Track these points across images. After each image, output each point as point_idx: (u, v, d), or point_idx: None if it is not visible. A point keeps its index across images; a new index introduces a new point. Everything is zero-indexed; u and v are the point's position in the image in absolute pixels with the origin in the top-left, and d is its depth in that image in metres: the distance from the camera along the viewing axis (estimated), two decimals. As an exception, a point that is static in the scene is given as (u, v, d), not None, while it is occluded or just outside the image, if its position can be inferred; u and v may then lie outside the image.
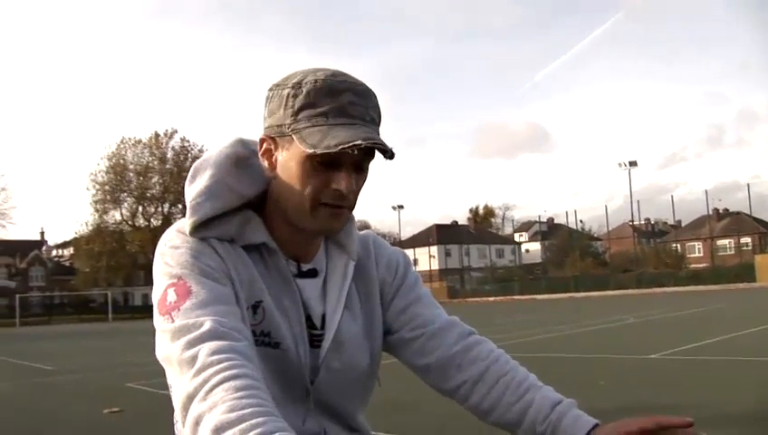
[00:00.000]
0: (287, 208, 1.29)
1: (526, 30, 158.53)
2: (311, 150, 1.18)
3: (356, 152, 1.18)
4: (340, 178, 1.22)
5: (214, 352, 1.07)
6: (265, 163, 1.29)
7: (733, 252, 66.14)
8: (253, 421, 0.96)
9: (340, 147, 1.16)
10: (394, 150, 1.22)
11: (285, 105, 1.24)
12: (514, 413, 1.32)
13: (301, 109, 1.22)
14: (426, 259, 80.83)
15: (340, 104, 1.21)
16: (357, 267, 1.43)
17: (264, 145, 1.29)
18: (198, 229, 1.28)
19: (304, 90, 1.22)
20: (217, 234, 1.29)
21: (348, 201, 1.26)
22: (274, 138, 1.27)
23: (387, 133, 1.27)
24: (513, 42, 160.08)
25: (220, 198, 1.29)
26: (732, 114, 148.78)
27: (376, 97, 1.28)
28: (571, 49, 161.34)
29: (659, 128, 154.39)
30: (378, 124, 1.26)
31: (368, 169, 1.28)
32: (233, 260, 1.28)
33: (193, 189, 1.31)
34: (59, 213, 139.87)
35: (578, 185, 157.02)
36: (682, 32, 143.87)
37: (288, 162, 1.25)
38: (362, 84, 1.26)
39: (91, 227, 67.43)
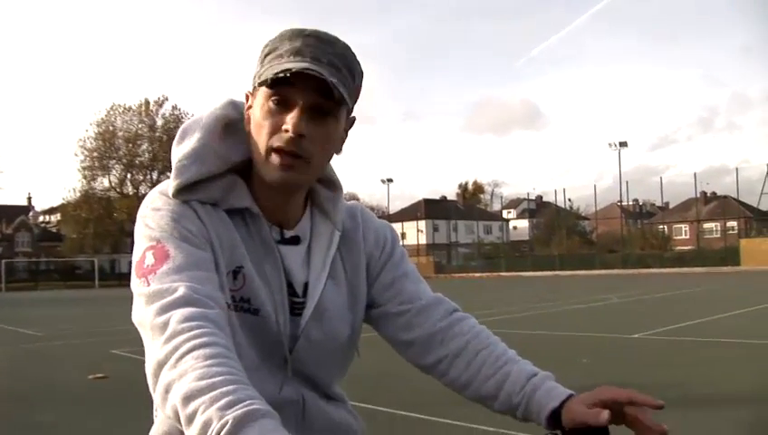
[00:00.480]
0: (254, 162, 1.28)
1: (525, 6, 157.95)
2: (257, 84, 1.22)
3: (288, 75, 1.16)
4: (289, 118, 1.20)
5: (185, 319, 1.06)
6: (245, 119, 1.29)
7: (719, 235, 66.50)
8: (223, 389, 0.95)
9: (274, 74, 1.17)
10: (339, 88, 1.18)
11: (259, 58, 1.27)
12: (491, 386, 1.31)
13: (266, 56, 1.25)
14: (413, 234, 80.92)
15: (296, 46, 1.21)
16: (344, 238, 1.41)
17: (248, 101, 1.30)
18: (182, 192, 1.26)
19: (274, 39, 1.25)
20: (200, 197, 1.28)
21: (301, 149, 1.22)
22: (252, 91, 1.28)
23: (383, 107, 1.23)
24: (510, 17, 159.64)
25: (206, 162, 1.28)
26: (725, 98, 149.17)
27: (346, 50, 1.25)
28: (568, 26, 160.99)
29: (652, 109, 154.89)
30: (342, 72, 1.23)
31: (333, 115, 1.24)
32: (214, 224, 1.27)
33: (180, 151, 1.29)
34: (46, 179, 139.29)
35: (568, 163, 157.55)
36: (680, 13, 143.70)
37: (254, 110, 1.26)
38: (333, 36, 1.25)
39: (78, 194, 66.93)
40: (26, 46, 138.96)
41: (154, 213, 1.25)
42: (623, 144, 64.51)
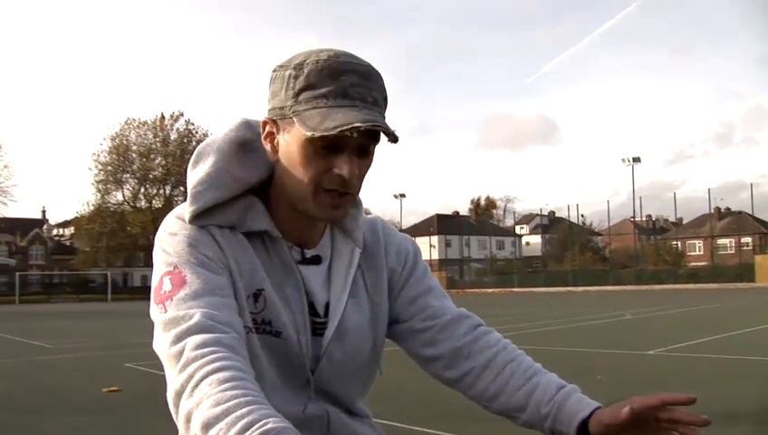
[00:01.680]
0: (290, 193, 1.26)
1: (540, 19, 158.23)
2: (309, 133, 1.16)
3: (355, 135, 1.15)
4: (342, 163, 1.19)
5: (198, 347, 1.07)
6: (268, 147, 1.27)
7: (733, 251, 66.10)
8: (238, 413, 0.95)
9: (339, 129, 1.13)
10: (397, 133, 1.18)
11: (287, 87, 1.21)
12: (520, 397, 1.32)
13: (301, 90, 1.19)
14: (426, 249, 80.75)
15: (341, 85, 1.18)
16: (364, 254, 1.41)
17: (267, 128, 1.26)
18: (198, 218, 1.26)
19: (306, 70, 1.19)
20: (218, 221, 1.27)
21: (351, 187, 1.23)
22: (276, 120, 1.24)
23: (394, 121, 1.23)
24: (526, 31, 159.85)
25: (221, 187, 1.27)
26: (742, 112, 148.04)
27: (381, 79, 1.24)
28: (580, 42, 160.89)
29: (669, 124, 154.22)
30: (382, 107, 1.23)
31: (373, 153, 1.25)
32: (233, 248, 1.27)
33: (195, 175, 1.29)
34: (61, 192, 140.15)
35: (583, 179, 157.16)
36: (696, 26, 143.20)
37: (290, 146, 1.22)
38: (367, 65, 1.22)
39: (92, 207, 67.37)
40: (41, 60, 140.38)
41: (171, 238, 1.25)
42: (636, 160, 64.41)
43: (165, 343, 1.11)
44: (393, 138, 1.19)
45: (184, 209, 1.28)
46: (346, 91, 1.18)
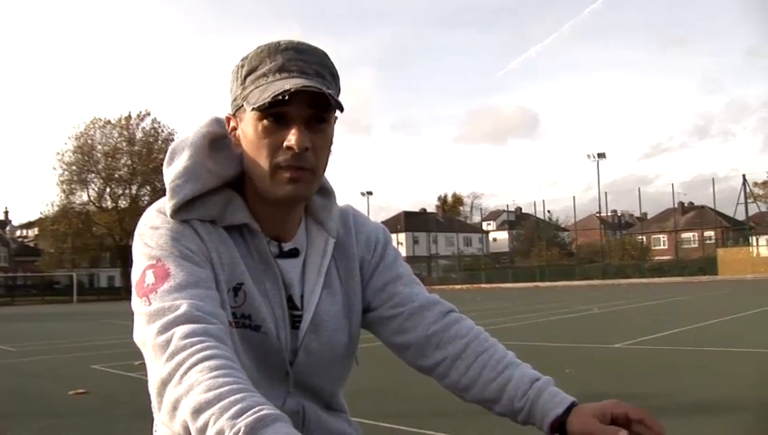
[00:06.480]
0: (256, 181, 1.28)
1: (520, 14, 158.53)
2: (251, 109, 1.21)
3: (287, 98, 1.17)
4: (290, 135, 1.21)
5: (187, 336, 1.07)
6: (234, 141, 1.30)
7: (696, 245, 67.15)
8: (231, 398, 0.96)
9: (272, 96, 1.17)
10: (338, 98, 1.21)
11: (236, 78, 1.28)
12: (493, 390, 1.32)
13: (246, 76, 1.26)
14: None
15: (279, 61, 1.23)
16: (337, 244, 1.41)
17: (230, 124, 1.31)
18: (179, 212, 1.27)
19: (249, 57, 1.26)
20: (199, 215, 1.28)
21: (306, 161, 1.23)
22: (234, 113, 1.29)
23: (372, 116, 1.14)
24: (502, 25, 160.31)
25: (200, 179, 1.28)
26: (721, 105, 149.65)
27: (325, 56, 1.28)
28: (558, 34, 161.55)
29: (645, 118, 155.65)
30: (328, 81, 1.26)
31: (329, 125, 1.27)
32: (214, 242, 1.28)
33: (172, 171, 1.30)
34: (24, 192, 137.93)
35: (557, 174, 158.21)
36: (680, 19, 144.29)
37: (246, 133, 1.26)
38: (307, 45, 1.27)
39: (56, 208, 66.21)
40: (4, 58, 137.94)
41: (153, 232, 1.25)
42: (601, 155, 65.16)
43: (150, 334, 1.11)
44: (337, 104, 1.21)
45: (164, 204, 1.29)
46: (283, 65, 1.23)
